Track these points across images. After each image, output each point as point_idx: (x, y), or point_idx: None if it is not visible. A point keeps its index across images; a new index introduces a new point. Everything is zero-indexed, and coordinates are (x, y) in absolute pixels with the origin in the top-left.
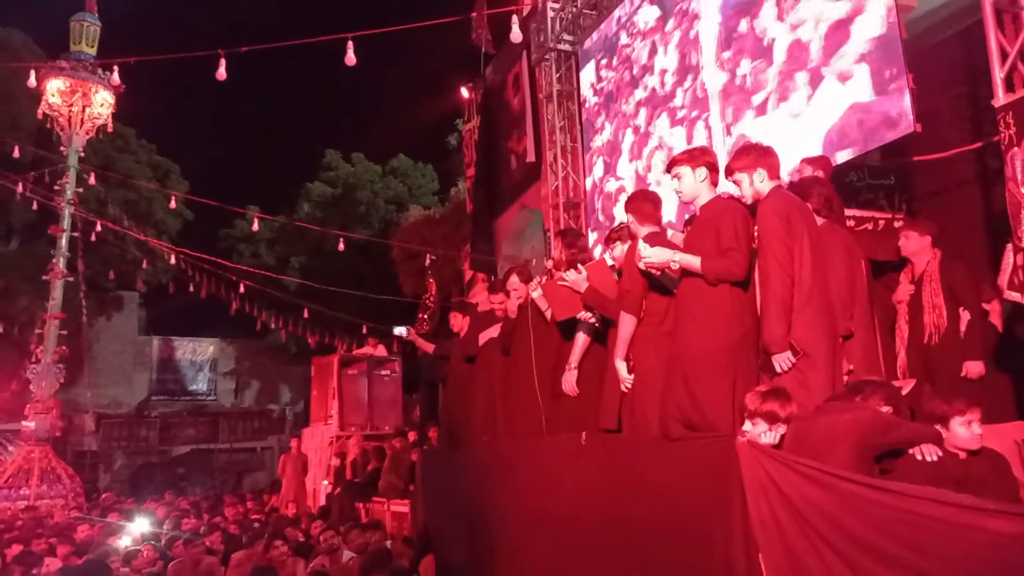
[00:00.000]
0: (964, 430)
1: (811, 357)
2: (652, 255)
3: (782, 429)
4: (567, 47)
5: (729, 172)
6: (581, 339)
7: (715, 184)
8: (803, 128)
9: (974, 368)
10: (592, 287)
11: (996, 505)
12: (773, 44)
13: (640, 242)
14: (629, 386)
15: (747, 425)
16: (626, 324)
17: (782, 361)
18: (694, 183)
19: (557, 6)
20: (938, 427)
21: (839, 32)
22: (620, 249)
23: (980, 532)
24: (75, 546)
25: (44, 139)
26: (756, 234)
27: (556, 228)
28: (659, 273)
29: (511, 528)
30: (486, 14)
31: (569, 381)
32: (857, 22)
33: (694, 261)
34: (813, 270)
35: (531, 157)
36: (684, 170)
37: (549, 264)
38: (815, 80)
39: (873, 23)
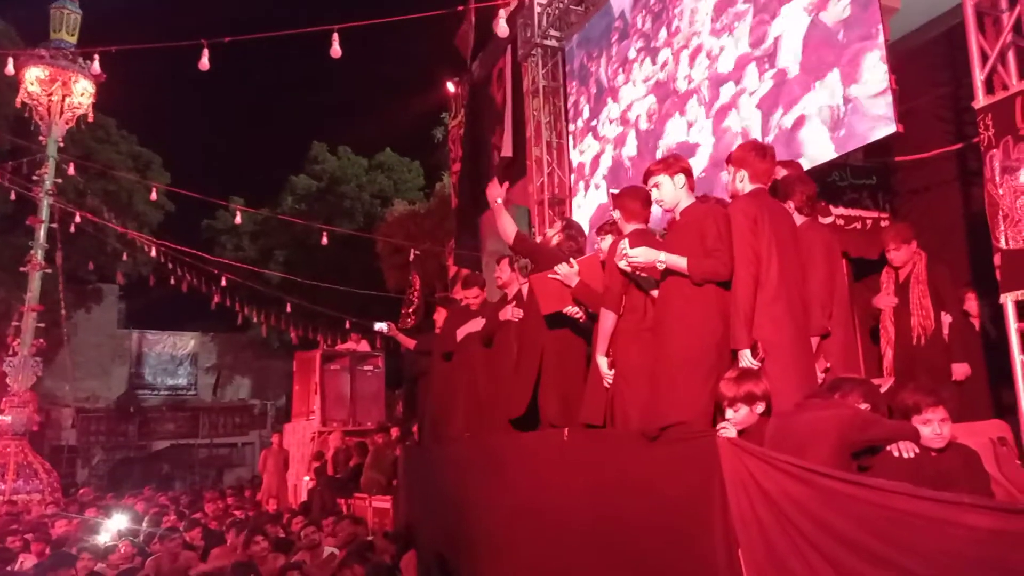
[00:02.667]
0: (925, 428)
1: (775, 354)
2: (637, 255)
3: (762, 406)
4: (553, 43)
5: (727, 161)
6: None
7: (692, 189)
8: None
9: (960, 370)
10: (583, 282)
11: (973, 500)
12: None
13: (623, 241)
14: (610, 382)
15: (729, 413)
16: (606, 320)
17: (744, 360)
18: (674, 190)
19: (544, 1)
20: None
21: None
22: (608, 242)
23: (957, 527)
24: (50, 542)
25: (22, 128)
26: None
27: (541, 225)
28: (643, 273)
29: (493, 523)
30: (473, 8)
31: None
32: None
33: (680, 261)
34: (781, 269)
35: (507, 152)
36: (663, 179)
37: (539, 239)
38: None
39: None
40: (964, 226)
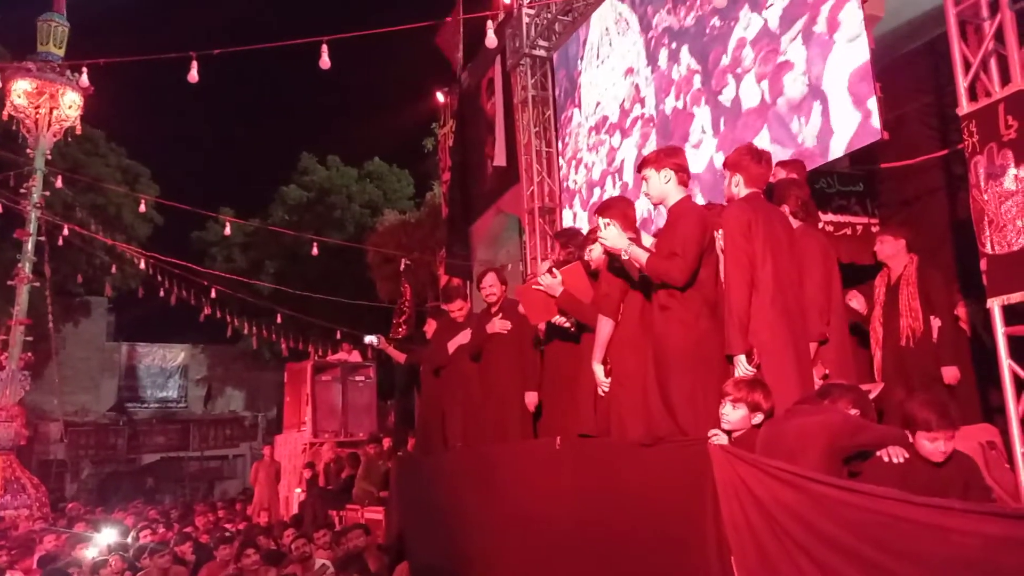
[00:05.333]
0: (927, 444)
1: (771, 360)
2: (608, 237)
3: (759, 418)
4: (542, 52)
5: (723, 165)
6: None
7: (683, 184)
8: None
9: (949, 373)
10: (567, 291)
11: (962, 505)
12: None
13: (602, 219)
14: (606, 389)
15: (727, 408)
16: (604, 327)
17: (740, 366)
18: (660, 184)
19: (532, 12)
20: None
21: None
22: (598, 251)
23: (947, 531)
24: (39, 558)
25: (9, 141)
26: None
27: (532, 233)
28: (617, 256)
29: (486, 533)
30: (461, 20)
31: None
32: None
33: (641, 256)
34: (776, 274)
35: (500, 161)
36: (650, 172)
37: (548, 265)
38: None
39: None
40: (952, 232)
